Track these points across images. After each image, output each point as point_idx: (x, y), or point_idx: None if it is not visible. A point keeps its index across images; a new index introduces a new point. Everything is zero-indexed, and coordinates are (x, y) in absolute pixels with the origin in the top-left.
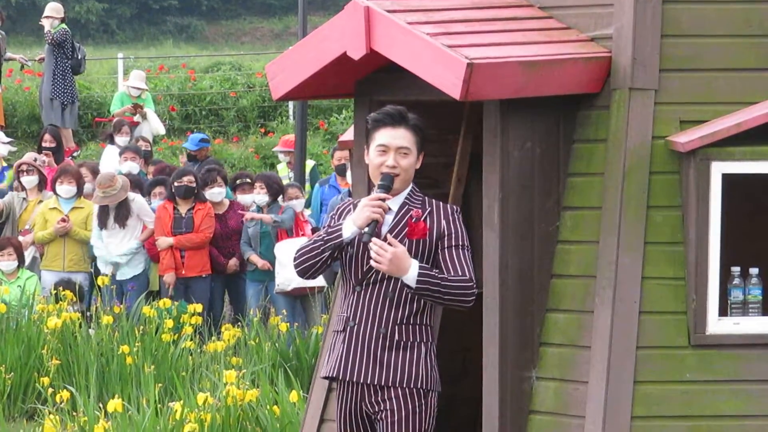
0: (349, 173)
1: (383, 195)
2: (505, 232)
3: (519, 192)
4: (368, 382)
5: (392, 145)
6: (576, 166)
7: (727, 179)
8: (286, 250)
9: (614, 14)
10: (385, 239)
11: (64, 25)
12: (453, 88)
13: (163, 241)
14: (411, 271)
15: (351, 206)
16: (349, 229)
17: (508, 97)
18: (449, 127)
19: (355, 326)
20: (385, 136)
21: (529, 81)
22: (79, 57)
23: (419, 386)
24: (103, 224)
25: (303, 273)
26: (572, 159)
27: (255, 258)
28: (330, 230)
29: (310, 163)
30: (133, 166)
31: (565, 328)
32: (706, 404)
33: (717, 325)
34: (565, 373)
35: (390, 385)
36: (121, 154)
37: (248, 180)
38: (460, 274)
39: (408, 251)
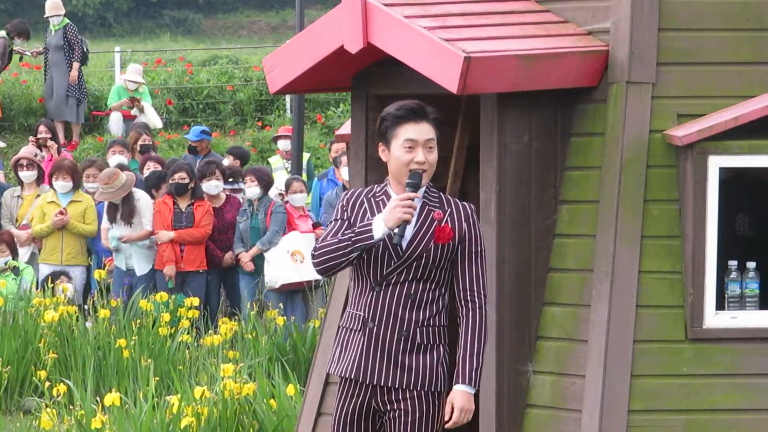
0: (344, 168)
1: (413, 194)
2: (502, 226)
3: (516, 185)
4: (387, 384)
5: (420, 140)
6: (573, 159)
7: (724, 173)
8: (272, 248)
9: (611, 8)
10: (404, 255)
11: (67, 20)
12: (450, 82)
13: (164, 235)
14: (471, 394)
15: (363, 198)
16: (380, 229)
17: (506, 91)
18: (446, 121)
19: (375, 327)
20: (411, 131)
21: (526, 75)
22: (85, 50)
23: (435, 389)
24: (112, 218)
25: (324, 272)
26: (569, 152)
27: (243, 256)
28: (358, 230)
29: (305, 156)
30: (121, 159)
31: (562, 322)
32: (703, 398)
33: (714, 318)
34: (563, 366)
35: (407, 387)
36: (109, 147)
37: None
38: (465, 290)
39: (434, 255)
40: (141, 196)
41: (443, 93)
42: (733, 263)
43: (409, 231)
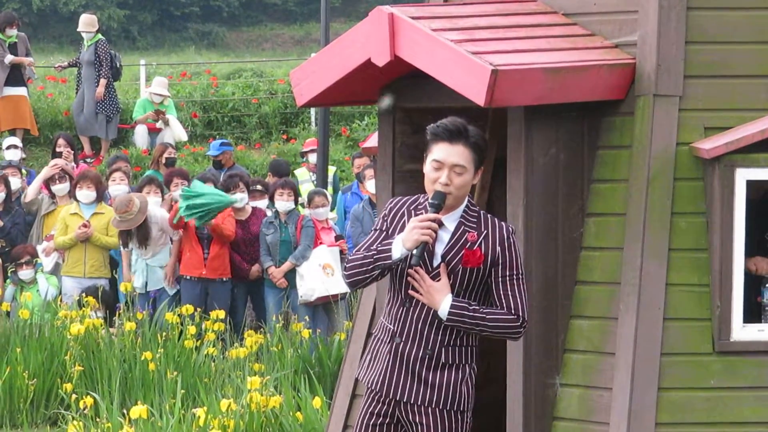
0: (369, 182)
1: (433, 216)
2: (529, 239)
3: (543, 198)
4: (410, 401)
5: (447, 162)
6: (600, 172)
7: (752, 185)
8: (304, 263)
9: (638, 21)
10: (433, 271)
11: (99, 36)
12: (477, 95)
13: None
14: (443, 305)
15: (405, 209)
16: (398, 250)
17: (533, 104)
18: None
19: (401, 344)
20: (441, 151)
21: (553, 87)
22: (118, 65)
23: (456, 408)
24: (125, 244)
25: (352, 285)
26: (596, 165)
27: (273, 271)
28: (380, 249)
29: (331, 169)
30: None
31: (590, 335)
32: (730, 411)
33: (741, 331)
34: (590, 379)
35: (428, 405)
36: (111, 163)
37: (259, 187)
38: (506, 309)
39: (462, 278)
40: (155, 217)
41: (470, 106)
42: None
43: (440, 249)
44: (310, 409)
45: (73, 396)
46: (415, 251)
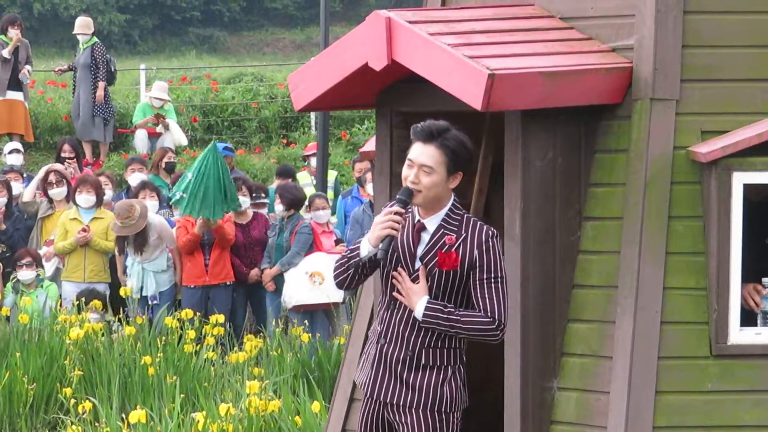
0: (369, 185)
1: (397, 209)
2: (527, 243)
3: (540, 202)
4: (392, 402)
5: (416, 162)
6: (597, 176)
7: (749, 189)
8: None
9: (635, 24)
10: (414, 273)
11: (95, 39)
12: (474, 99)
13: (200, 228)
14: (418, 307)
15: None
16: (365, 247)
17: (530, 108)
18: (470, 138)
19: (385, 345)
20: (414, 150)
21: (550, 91)
22: (113, 69)
23: (439, 409)
24: (121, 250)
25: (340, 285)
26: (594, 169)
27: (266, 273)
28: (352, 248)
29: (332, 174)
30: (141, 177)
31: (587, 339)
32: (727, 414)
33: (739, 335)
34: (587, 383)
35: (410, 406)
36: (127, 166)
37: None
38: (482, 311)
39: (438, 280)
40: (153, 223)
41: (467, 110)
42: (766, 280)
43: (421, 249)
44: (308, 413)
45: (73, 400)
46: (381, 245)
